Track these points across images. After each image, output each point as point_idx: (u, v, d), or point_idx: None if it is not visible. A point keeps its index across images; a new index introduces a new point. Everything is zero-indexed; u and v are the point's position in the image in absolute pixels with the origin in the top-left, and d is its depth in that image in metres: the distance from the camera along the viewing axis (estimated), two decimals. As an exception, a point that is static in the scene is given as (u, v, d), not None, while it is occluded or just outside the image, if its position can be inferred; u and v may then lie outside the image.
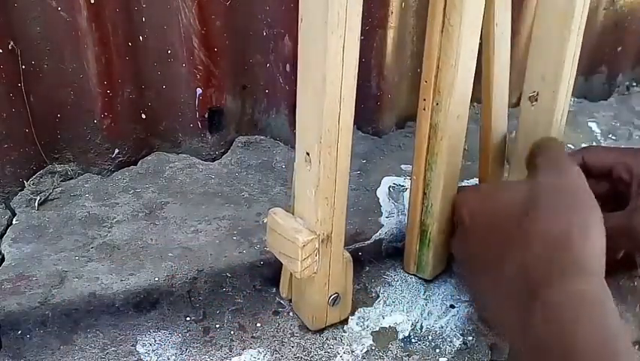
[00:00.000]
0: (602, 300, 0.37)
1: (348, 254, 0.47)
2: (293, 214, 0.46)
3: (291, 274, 0.49)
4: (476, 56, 0.46)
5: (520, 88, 0.54)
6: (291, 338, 0.48)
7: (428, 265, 0.53)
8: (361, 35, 0.39)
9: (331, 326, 0.49)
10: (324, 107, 0.39)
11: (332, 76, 0.38)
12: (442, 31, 0.44)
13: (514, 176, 0.56)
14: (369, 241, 0.57)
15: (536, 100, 0.52)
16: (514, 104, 0.63)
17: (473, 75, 0.46)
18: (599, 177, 0.54)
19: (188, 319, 0.49)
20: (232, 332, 0.48)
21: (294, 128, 0.44)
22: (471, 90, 0.47)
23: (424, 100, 0.47)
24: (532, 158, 0.49)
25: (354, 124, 0.42)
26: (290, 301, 0.51)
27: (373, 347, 0.48)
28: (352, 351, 0.47)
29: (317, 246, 0.44)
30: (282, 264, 0.49)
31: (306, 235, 0.43)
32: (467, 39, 0.44)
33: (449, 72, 0.45)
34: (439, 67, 0.45)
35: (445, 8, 0.43)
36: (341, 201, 0.43)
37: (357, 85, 0.40)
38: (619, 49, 0.89)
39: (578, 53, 0.51)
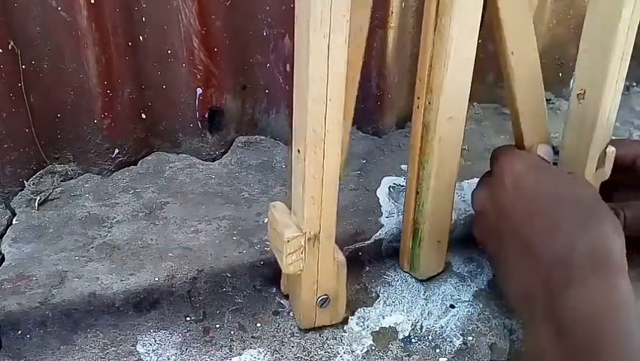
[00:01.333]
0: (632, 299, 0.38)
1: (343, 258, 0.47)
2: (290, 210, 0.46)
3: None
4: (473, 57, 0.45)
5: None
6: (291, 338, 0.48)
7: (420, 264, 0.53)
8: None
9: (331, 326, 0.49)
10: (307, 106, 0.39)
11: (315, 76, 0.38)
12: (434, 31, 0.44)
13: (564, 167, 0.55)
14: (369, 241, 0.57)
15: (583, 98, 0.51)
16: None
17: (470, 76, 0.46)
18: (620, 168, 0.54)
19: (188, 319, 0.49)
20: (232, 332, 0.48)
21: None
22: (467, 91, 0.46)
23: (418, 98, 0.47)
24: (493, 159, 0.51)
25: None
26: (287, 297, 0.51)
27: (373, 347, 0.48)
28: (352, 351, 0.47)
29: (303, 243, 0.44)
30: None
31: (292, 230, 0.44)
32: (460, 40, 0.44)
33: (440, 71, 0.45)
34: (431, 66, 0.45)
35: (437, 8, 0.43)
36: (329, 202, 0.43)
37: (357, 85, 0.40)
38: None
39: (629, 54, 0.50)
